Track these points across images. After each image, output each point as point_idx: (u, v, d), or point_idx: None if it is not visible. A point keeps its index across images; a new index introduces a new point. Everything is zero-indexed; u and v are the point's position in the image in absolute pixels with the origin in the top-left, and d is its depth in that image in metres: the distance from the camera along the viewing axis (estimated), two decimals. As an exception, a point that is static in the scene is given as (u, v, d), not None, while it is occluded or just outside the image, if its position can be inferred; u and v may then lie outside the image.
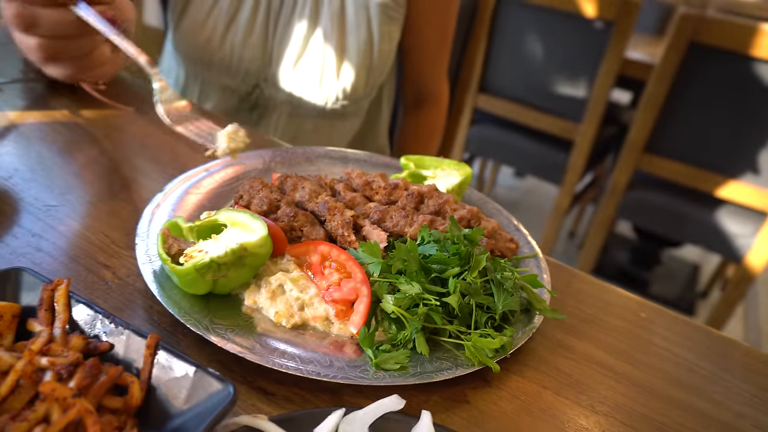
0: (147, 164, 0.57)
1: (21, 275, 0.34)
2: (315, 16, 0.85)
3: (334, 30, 0.84)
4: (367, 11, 0.85)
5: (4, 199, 0.47)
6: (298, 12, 0.85)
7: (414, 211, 0.46)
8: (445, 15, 0.95)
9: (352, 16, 0.85)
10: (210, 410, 0.28)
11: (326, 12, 0.84)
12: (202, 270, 0.36)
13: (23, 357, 0.28)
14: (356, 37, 0.85)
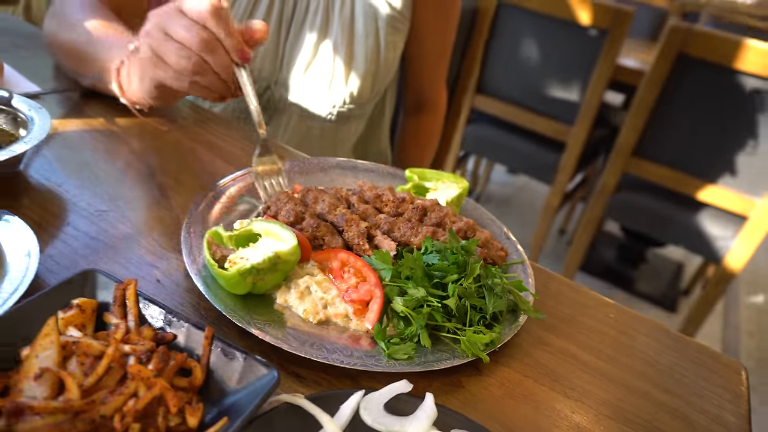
0: (182, 172, 0.64)
1: (95, 276, 0.41)
2: (326, 25, 0.91)
3: (344, 38, 0.91)
4: (375, 22, 0.91)
5: (61, 205, 0.54)
6: (309, 20, 0.91)
7: (418, 223, 0.53)
8: (445, 27, 1.02)
9: (361, 26, 0.91)
10: (258, 390, 0.36)
11: (336, 21, 0.91)
12: (245, 274, 0.43)
13: (111, 344, 0.36)
14: (364, 46, 0.91)
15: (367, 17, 0.90)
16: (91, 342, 0.36)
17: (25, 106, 0.60)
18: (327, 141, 1.00)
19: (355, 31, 0.91)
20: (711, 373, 0.51)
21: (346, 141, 1.03)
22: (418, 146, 1.19)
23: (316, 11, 0.90)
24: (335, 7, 0.90)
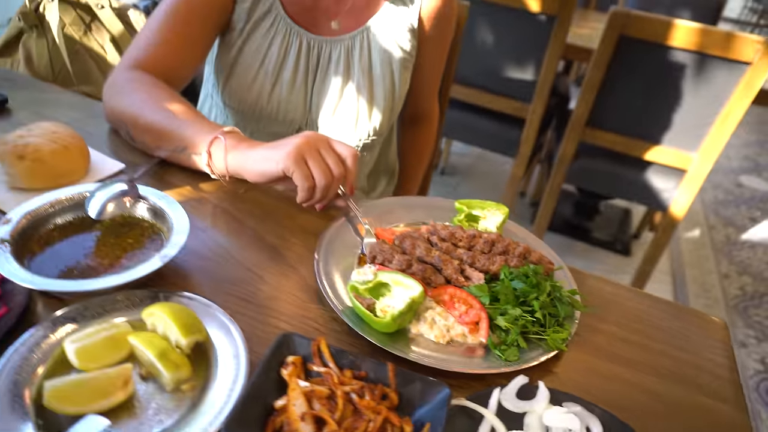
0: (281, 230, 0.78)
1: (291, 337, 0.56)
2: (347, 71, 1.04)
3: (365, 81, 1.04)
4: (390, 65, 1.05)
5: (215, 274, 0.67)
6: (333, 68, 1.04)
7: (490, 253, 0.70)
8: (442, 56, 1.17)
9: (378, 69, 1.05)
10: (439, 402, 0.52)
11: (357, 67, 1.04)
12: (396, 318, 0.59)
13: (336, 387, 0.51)
14: (382, 86, 1.06)
15: (383, 62, 1.04)
16: (320, 388, 0.51)
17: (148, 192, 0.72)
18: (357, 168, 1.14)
19: (373, 74, 1.05)
20: (703, 331, 0.72)
21: (369, 164, 1.18)
22: (417, 154, 1.35)
23: (338, 60, 1.03)
24: (354, 55, 1.03)
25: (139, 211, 0.71)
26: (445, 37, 1.12)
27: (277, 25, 1.01)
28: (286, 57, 1.02)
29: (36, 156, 0.75)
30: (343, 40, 1.03)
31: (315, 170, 0.74)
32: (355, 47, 1.03)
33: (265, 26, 1.00)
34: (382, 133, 1.11)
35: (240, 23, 1.00)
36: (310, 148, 0.74)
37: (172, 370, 0.52)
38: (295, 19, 1.01)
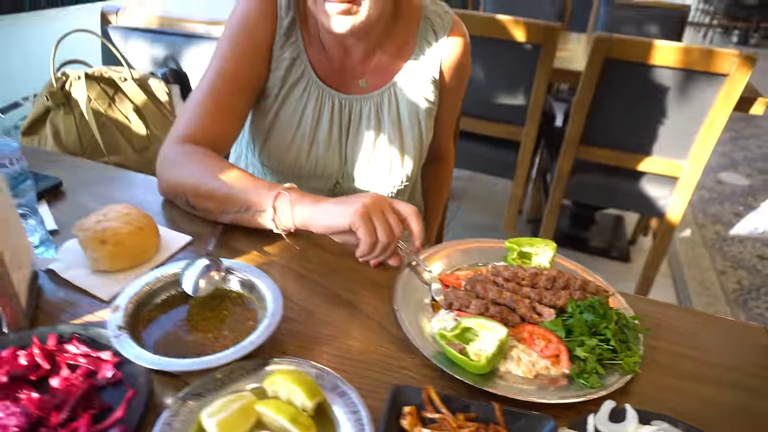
0: (351, 283, 0.83)
1: (401, 389, 0.61)
2: (378, 125, 1.11)
3: (395, 133, 1.11)
4: (417, 116, 1.12)
5: (304, 335, 0.72)
6: (364, 123, 1.11)
7: (554, 289, 0.76)
8: (459, 101, 1.24)
9: (407, 121, 1.12)
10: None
11: (386, 121, 1.11)
12: (491, 360, 0.65)
13: (456, 431, 0.56)
14: (411, 136, 1.13)
15: (411, 113, 1.11)
16: (442, 434, 0.56)
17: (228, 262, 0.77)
18: None
19: (402, 125, 1.12)
20: (748, 337, 0.79)
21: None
22: (437, 191, 1.42)
23: (369, 115, 1.10)
24: (383, 110, 1.10)
25: (225, 282, 0.76)
26: (463, 83, 1.20)
27: (310, 89, 1.07)
28: (320, 117, 1.09)
29: (116, 240, 0.80)
30: (372, 97, 1.10)
31: (379, 228, 0.80)
32: (383, 102, 1.10)
33: (298, 91, 1.07)
34: (412, 179, 1.18)
35: (275, 89, 1.07)
36: (375, 208, 0.81)
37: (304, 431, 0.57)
38: (326, 81, 1.08)
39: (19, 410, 0.57)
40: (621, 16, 3.18)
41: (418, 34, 1.09)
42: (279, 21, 1.03)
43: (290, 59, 1.05)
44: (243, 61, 1.02)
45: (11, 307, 0.67)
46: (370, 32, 1.03)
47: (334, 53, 1.07)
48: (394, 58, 1.10)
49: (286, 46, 1.05)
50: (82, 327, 0.69)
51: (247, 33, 1.02)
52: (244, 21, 1.02)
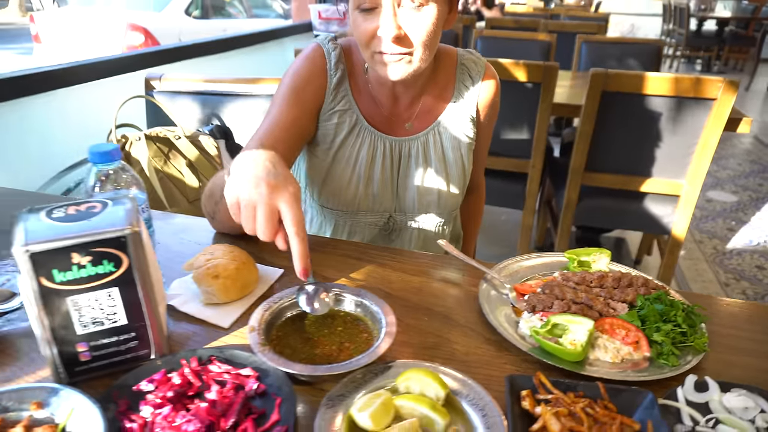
0: (439, 300, 0.93)
1: (514, 378, 0.70)
2: (425, 162, 1.23)
3: (441, 168, 1.24)
4: (460, 150, 1.25)
5: (412, 343, 0.81)
6: (413, 162, 1.23)
7: (620, 288, 0.87)
8: (490, 135, 1.38)
9: (451, 156, 1.24)
10: (650, 404, 0.67)
11: (433, 157, 1.23)
12: (585, 347, 0.74)
13: (573, 405, 0.65)
14: (455, 169, 1.25)
15: (454, 149, 1.24)
16: (561, 409, 0.65)
17: (336, 287, 0.86)
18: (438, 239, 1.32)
19: (447, 160, 1.24)
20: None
21: (448, 235, 1.35)
22: (472, 220, 1.54)
23: (417, 154, 1.22)
24: (429, 148, 1.23)
25: (333, 303, 0.85)
26: (494, 119, 1.33)
27: (363, 135, 1.20)
28: (374, 159, 1.21)
29: (227, 274, 0.89)
30: (418, 138, 1.23)
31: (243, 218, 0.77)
32: (429, 142, 1.23)
33: (352, 137, 1.20)
34: (457, 208, 1.30)
35: (328, 137, 1.20)
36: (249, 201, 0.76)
37: (444, 417, 0.65)
38: (376, 127, 1.21)
39: (194, 417, 0.65)
40: (601, 53, 3.43)
41: (456, 79, 1.23)
42: (329, 79, 1.17)
43: (341, 111, 1.18)
44: (291, 116, 1.13)
45: (159, 335, 0.75)
46: (418, 80, 1.16)
47: (383, 102, 1.20)
48: (436, 101, 1.23)
49: (336, 99, 1.18)
50: (218, 350, 0.78)
51: (297, 92, 1.15)
52: (295, 80, 1.16)
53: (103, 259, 0.67)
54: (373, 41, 1.02)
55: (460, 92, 1.23)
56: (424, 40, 1.00)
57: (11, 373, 0.75)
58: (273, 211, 0.75)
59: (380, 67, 1.05)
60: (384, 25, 0.98)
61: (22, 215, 0.68)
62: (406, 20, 0.98)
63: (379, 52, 1.02)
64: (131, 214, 0.70)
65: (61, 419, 0.65)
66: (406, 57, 1.02)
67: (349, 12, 1.05)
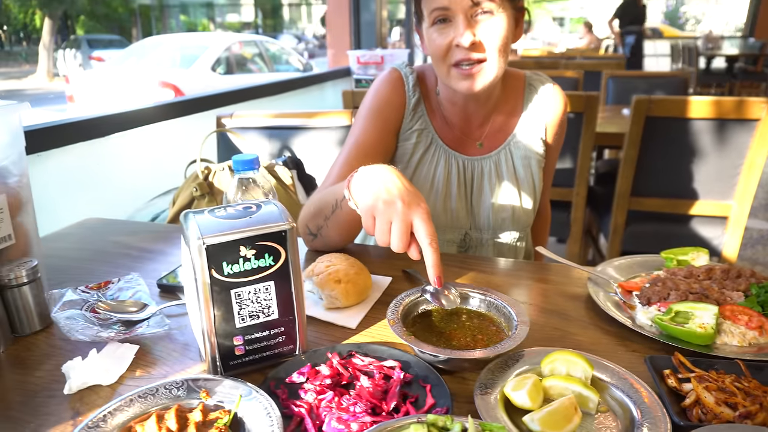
0: (551, 299, 0.96)
1: (654, 358, 0.73)
2: (498, 180, 1.28)
3: (513, 185, 1.28)
4: (530, 168, 1.29)
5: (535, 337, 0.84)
6: (486, 180, 1.28)
7: (729, 279, 0.90)
8: (557, 154, 1.42)
9: (522, 174, 1.29)
10: None
11: (505, 175, 1.28)
12: (714, 329, 0.77)
13: (722, 379, 0.67)
14: (527, 186, 1.29)
15: (525, 167, 1.29)
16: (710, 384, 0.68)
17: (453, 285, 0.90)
18: (512, 256, 1.35)
19: (518, 178, 1.28)
20: None
21: (522, 252, 1.38)
22: (540, 238, 1.57)
23: (490, 173, 1.28)
24: (501, 166, 1.28)
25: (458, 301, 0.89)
26: (561, 140, 1.39)
27: (438, 153, 1.27)
28: (449, 176, 1.27)
29: (348, 278, 0.94)
30: (490, 157, 1.29)
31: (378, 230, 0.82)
32: (501, 160, 1.29)
33: (429, 155, 1.27)
34: (531, 224, 1.34)
35: (406, 156, 1.27)
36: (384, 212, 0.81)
37: (596, 394, 0.68)
38: (450, 145, 1.28)
39: (359, 399, 0.68)
40: (628, 86, 3.53)
41: (525, 98, 1.30)
42: (408, 100, 1.25)
43: (419, 130, 1.26)
44: (375, 135, 1.22)
45: (303, 332, 0.79)
46: (490, 96, 1.24)
47: (455, 122, 1.28)
48: (505, 121, 1.30)
49: (414, 119, 1.26)
50: (356, 346, 0.81)
51: (379, 112, 1.23)
52: (377, 102, 1.24)
53: (265, 252, 0.72)
54: (449, 53, 1.09)
55: (529, 111, 1.29)
56: (497, 45, 1.07)
57: (163, 371, 0.79)
58: (407, 226, 0.80)
59: (457, 80, 1.12)
60: (460, 32, 1.05)
61: (189, 214, 0.74)
62: (480, 28, 1.05)
63: (456, 63, 1.09)
64: (284, 212, 0.76)
65: (231, 405, 0.68)
66: (482, 66, 1.09)
67: (424, 32, 1.14)
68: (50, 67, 16.97)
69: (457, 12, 1.05)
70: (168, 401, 0.69)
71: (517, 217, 1.29)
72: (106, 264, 1.14)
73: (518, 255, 1.39)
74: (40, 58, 17.19)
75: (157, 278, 1.04)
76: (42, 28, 18.02)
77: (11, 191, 0.92)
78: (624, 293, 0.95)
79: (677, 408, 0.67)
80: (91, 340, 0.83)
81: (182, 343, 0.86)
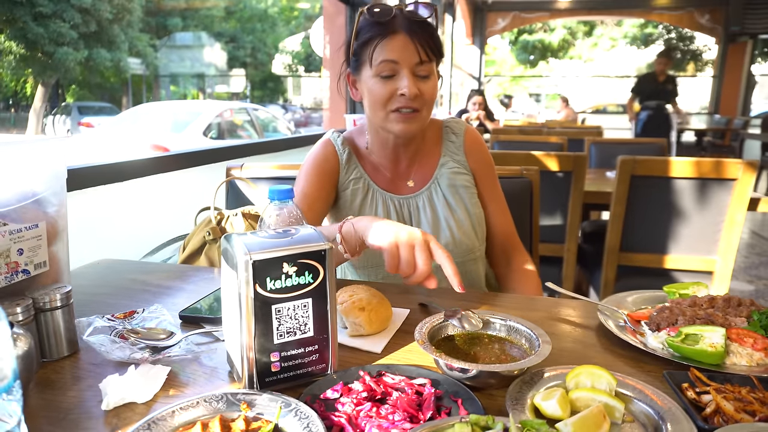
0: (558, 328, 1.01)
1: (671, 373, 0.77)
2: (433, 212, 1.39)
3: (448, 214, 1.39)
4: (459, 194, 1.41)
5: (551, 359, 0.88)
6: (422, 214, 1.40)
7: (731, 307, 0.96)
8: (494, 184, 1.49)
9: (452, 200, 1.40)
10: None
11: (438, 205, 1.40)
12: (724, 349, 0.82)
13: (737, 390, 0.72)
14: (460, 211, 1.39)
15: (453, 194, 1.41)
16: (727, 394, 0.72)
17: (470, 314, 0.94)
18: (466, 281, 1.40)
19: (450, 204, 1.40)
20: None
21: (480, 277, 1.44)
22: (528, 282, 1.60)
23: (423, 206, 1.41)
24: (434, 199, 1.41)
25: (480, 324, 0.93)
26: (489, 166, 1.49)
27: (375, 197, 1.41)
28: (389, 215, 1.40)
29: (371, 307, 0.98)
30: (422, 193, 1.43)
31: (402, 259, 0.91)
32: (432, 194, 1.42)
33: (368, 200, 1.41)
34: (477, 247, 1.42)
35: (347, 203, 1.41)
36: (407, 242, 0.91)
37: (622, 404, 0.71)
38: (384, 188, 1.43)
39: (397, 409, 0.71)
40: (610, 152, 3.73)
41: (444, 137, 1.47)
42: (339, 156, 1.43)
43: (354, 179, 1.42)
44: (316, 187, 1.38)
45: (335, 351, 0.82)
46: (414, 140, 1.40)
47: (387, 165, 1.43)
48: (429, 159, 1.46)
49: (349, 172, 1.42)
50: (385, 366, 0.84)
51: (317, 167, 1.41)
52: (314, 160, 1.42)
53: (305, 270, 0.77)
54: (391, 100, 1.25)
55: (448, 147, 1.46)
56: (431, 98, 1.27)
57: (196, 391, 0.81)
58: (428, 248, 0.91)
59: (395, 123, 1.27)
60: (406, 86, 1.21)
61: (233, 235, 0.79)
62: (419, 83, 1.24)
63: (396, 109, 1.24)
64: (322, 235, 0.81)
65: (271, 417, 0.70)
66: (417, 113, 1.26)
67: (364, 80, 1.29)
68: (39, 132, 17.17)
69: (404, 66, 1.22)
70: (209, 413, 0.71)
71: (457, 243, 1.37)
72: (127, 298, 1.15)
73: (473, 282, 1.43)
74: (29, 122, 17.43)
75: (179, 311, 1.06)
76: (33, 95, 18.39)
77: (50, 220, 0.95)
78: (633, 322, 1.00)
79: (698, 417, 0.70)
80: (126, 360, 0.84)
81: (210, 367, 0.88)
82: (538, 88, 28.08)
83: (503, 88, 25.69)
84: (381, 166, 1.43)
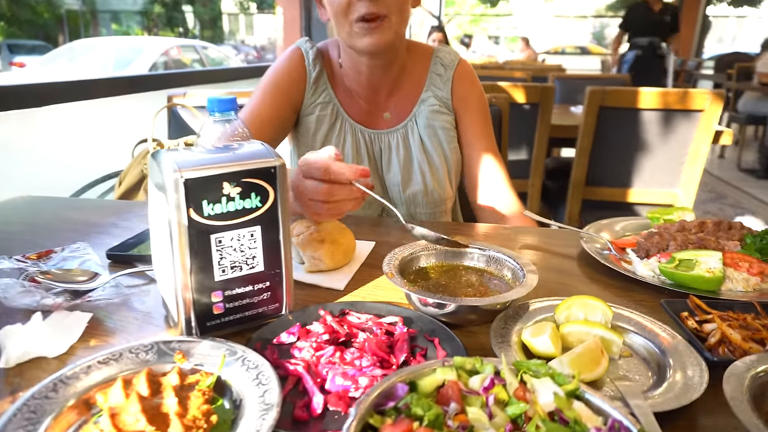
0: (551, 261, 0.92)
1: (669, 302, 0.69)
2: (407, 153, 1.23)
3: (423, 157, 1.22)
4: (437, 137, 1.23)
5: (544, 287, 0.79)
6: (394, 153, 1.23)
7: (722, 231, 0.89)
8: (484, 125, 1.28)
9: (428, 143, 1.23)
10: None
11: (413, 147, 1.23)
12: (722, 273, 0.74)
13: (740, 317, 0.64)
14: (436, 157, 1.22)
15: (430, 135, 1.22)
16: (732, 321, 0.64)
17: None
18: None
19: (425, 149, 1.23)
20: None
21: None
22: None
23: (397, 145, 1.23)
24: (409, 138, 1.23)
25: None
26: (478, 108, 1.27)
27: (344, 129, 1.22)
28: (358, 152, 1.22)
29: (332, 239, 0.85)
30: (397, 130, 1.24)
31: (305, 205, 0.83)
32: (407, 133, 1.23)
33: (335, 132, 1.22)
34: (450, 197, 1.27)
35: (310, 132, 1.22)
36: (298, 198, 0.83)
37: (620, 337, 0.63)
38: (356, 119, 1.23)
39: (365, 353, 0.60)
40: (574, 87, 3.64)
41: (431, 68, 1.25)
42: (308, 73, 1.22)
43: (322, 103, 1.22)
44: (271, 109, 1.19)
45: (290, 289, 0.70)
46: (393, 62, 1.19)
47: (362, 92, 1.23)
48: (411, 91, 1.25)
49: (317, 93, 1.22)
50: (349, 304, 0.73)
51: (277, 86, 1.20)
52: (276, 76, 1.21)
53: (251, 191, 0.63)
54: (351, 7, 1.05)
55: (433, 80, 1.25)
56: (398, 2, 1.06)
57: (124, 340, 0.68)
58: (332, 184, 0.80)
59: (359, 37, 1.07)
60: None
61: (161, 151, 0.64)
62: None
63: (358, 19, 1.04)
64: (271, 150, 0.67)
65: (212, 368, 0.58)
66: (384, 21, 1.05)
67: None
68: None
69: None
70: (135, 366, 0.58)
71: (429, 192, 1.22)
72: (48, 239, 0.99)
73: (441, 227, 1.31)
74: (-48, 62, 15.92)
75: (107, 249, 0.92)
76: (-45, 31, 16.74)
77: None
78: (618, 250, 0.92)
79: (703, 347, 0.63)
80: (33, 308, 0.70)
81: (143, 311, 0.75)
82: (497, 30, 27.66)
83: (463, 30, 25.14)
84: (356, 93, 1.24)
